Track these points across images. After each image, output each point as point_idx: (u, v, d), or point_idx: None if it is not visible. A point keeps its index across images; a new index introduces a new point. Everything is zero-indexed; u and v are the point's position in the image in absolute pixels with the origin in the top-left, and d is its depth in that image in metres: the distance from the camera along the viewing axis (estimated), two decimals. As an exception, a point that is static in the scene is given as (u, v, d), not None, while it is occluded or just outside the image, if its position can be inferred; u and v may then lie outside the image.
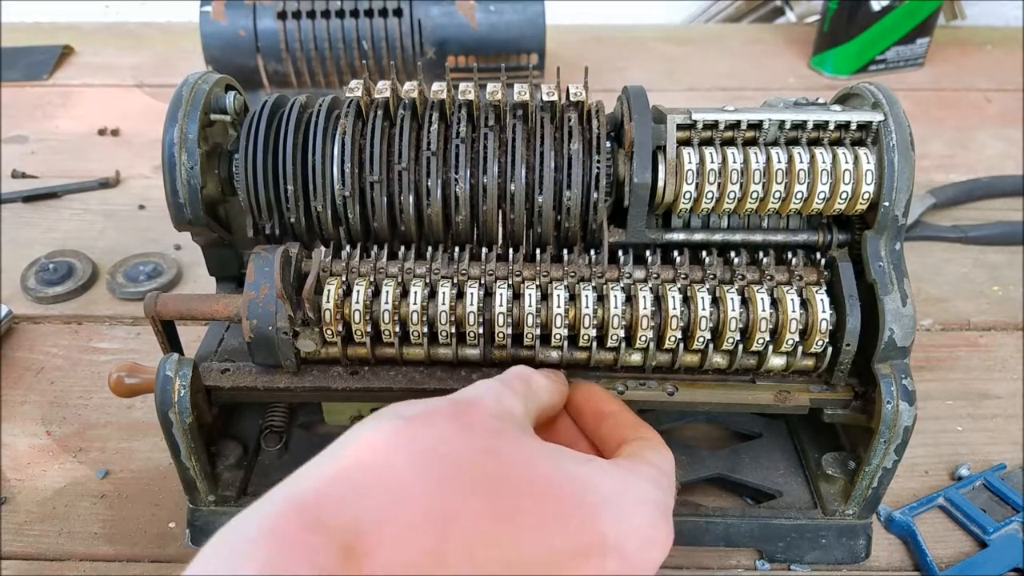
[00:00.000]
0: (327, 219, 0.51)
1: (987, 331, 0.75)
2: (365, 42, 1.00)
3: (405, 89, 0.52)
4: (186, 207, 0.50)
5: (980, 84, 1.14)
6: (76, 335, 0.74)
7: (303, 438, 0.61)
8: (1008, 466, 0.61)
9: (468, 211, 0.50)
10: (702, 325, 0.48)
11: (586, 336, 0.49)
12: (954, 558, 0.56)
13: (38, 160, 0.98)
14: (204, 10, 1.01)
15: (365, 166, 0.50)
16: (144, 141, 1.01)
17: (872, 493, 0.52)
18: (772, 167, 0.48)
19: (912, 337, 0.48)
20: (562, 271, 0.50)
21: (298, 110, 0.51)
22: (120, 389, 0.52)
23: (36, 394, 0.68)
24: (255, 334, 0.48)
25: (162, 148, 0.49)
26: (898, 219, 0.48)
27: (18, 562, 0.56)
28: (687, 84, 1.15)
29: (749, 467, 0.59)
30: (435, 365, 0.51)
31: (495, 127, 0.50)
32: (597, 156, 0.49)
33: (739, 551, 0.56)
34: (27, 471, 0.62)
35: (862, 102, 0.50)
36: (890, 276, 0.49)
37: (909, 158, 0.47)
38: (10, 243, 0.85)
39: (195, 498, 0.55)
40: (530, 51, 1.05)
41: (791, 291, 0.49)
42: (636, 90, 0.50)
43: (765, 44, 1.25)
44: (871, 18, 1.11)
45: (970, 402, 0.67)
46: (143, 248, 0.83)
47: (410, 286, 0.49)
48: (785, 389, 0.51)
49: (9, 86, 1.13)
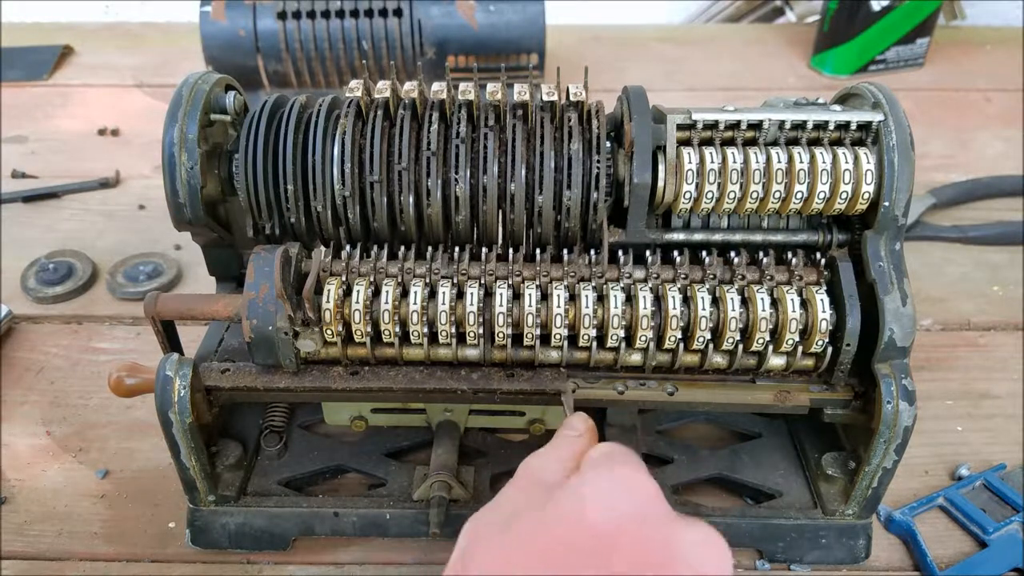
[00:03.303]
0: (327, 219, 0.51)
1: (987, 331, 0.75)
2: (365, 42, 1.00)
3: (405, 89, 0.52)
4: (186, 207, 0.50)
5: (980, 84, 1.14)
6: (76, 335, 0.74)
7: (303, 438, 0.61)
8: (1008, 466, 0.61)
9: (468, 211, 0.50)
10: (702, 325, 0.48)
11: (586, 336, 0.49)
12: (954, 558, 0.56)
13: (38, 160, 0.98)
14: (204, 10, 1.01)
15: (365, 166, 0.50)
16: (144, 141, 1.01)
17: (872, 493, 0.52)
18: (772, 167, 0.48)
19: (912, 337, 0.48)
20: (562, 271, 0.50)
21: (298, 110, 0.51)
22: (120, 389, 0.52)
23: (36, 394, 0.68)
24: (255, 334, 0.48)
25: (162, 148, 0.49)
26: (898, 219, 0.48)
27: (18, 562, 0.56)
28: (687, 84, 1.15)
29: (749, 467, 0.59)
30: (435, 365, 0.51)
31: (495, 127, 0.50)
32: (597, 156, 0.49)
33: (739, 551, 0.56)
34: (27, 471, 0.62)
35: (862, 102, 0.50)
36: (890, 276, 0.49)
37: (909, 158, 0.47)
38: (10, 243, 0.84)
39: (195, 498, 0.55)
40: (530, 51, 1.05)
41: (791, 291, 0.49)
42: (636, 90, 0.50)
43: (765, 44, 1.25)
44: (871, 18, 1.11)
45: (970, 402, 0.67)
46: (143, 248, 0.83)
47: (410, 286, 0.49)
48: (785, 389, 0.51)
49: (9, 86, 1.13)
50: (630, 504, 0.37)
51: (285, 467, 0.59)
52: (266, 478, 0.58)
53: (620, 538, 0.36)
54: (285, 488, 0.57)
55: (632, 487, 0.38)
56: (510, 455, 0.60)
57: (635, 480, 0.39)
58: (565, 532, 0.36)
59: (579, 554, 0.35)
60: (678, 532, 0.37)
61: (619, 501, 0.37)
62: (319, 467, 0.59)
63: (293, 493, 0.57)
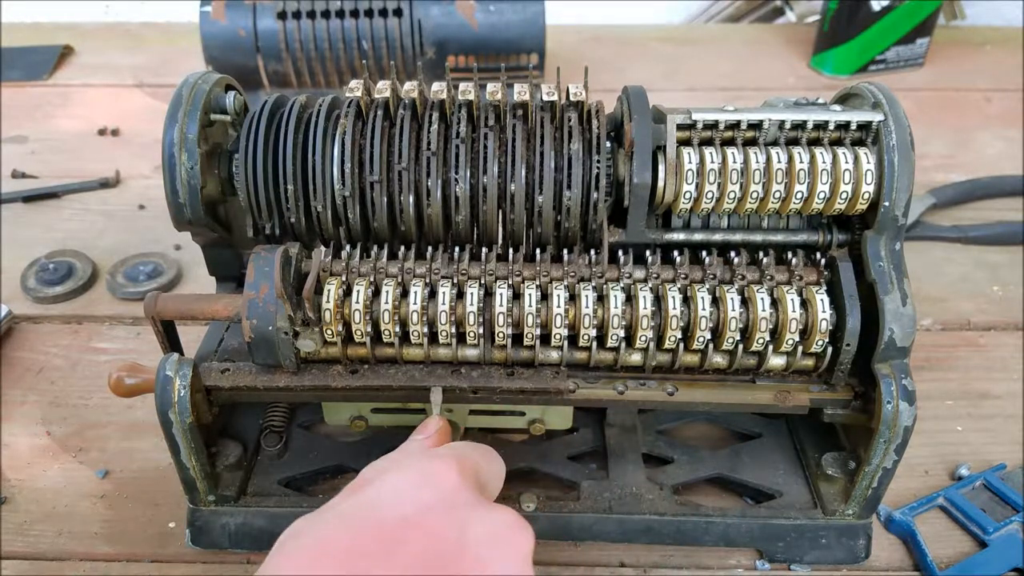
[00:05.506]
0: (327, 219, 0.51)
1: (987, 331, 0.75)
2: (365, 42, 1.00)
3: (405, 89, 0.52)
4: (186, 207, 0.50)
5: (980, 84, 1.14)
6: (76, 335, 0.74)
7: (303, 438, 0.61)
8: (1008, 466, 0.61)
9: (468, 211, 0.50)
10: (702, 325, 0.48)
11: (586, 336, 0.49)
12: (954, 558, 0.56)
13: (38, 160, 0.98)
14: (204, 10, 1.01)
15: (365, 166, 0.50)
16: (144, 141, 1.01)
17: (872, 493, 0.52)
18: (772, 167, 0.48)
19: (912, 337, 0.48)
20: (562, 271, 0.50)
21: (298, 110, 0.51)
22: (120, 389, 0.52)
23: (36, 394, 0.68)
24: (255, 334, 0.48)
25: (162, 148, 0.49)
26: (898, 219, 0.48)
27: (18, 562, 0.56)
28: (687, 84, 1.15)
29: (749, 467, 0.59)
30: (435, 364, 0.51)
31: (495, 127, 0.50)
32: (597, 156, 0.49)
33: (739, 551, 0.56)
34: (27, 471, 0.62)
35: (862, 102, 0.50)
36: (890, 276, 0.49)
37: (909, 158, 0.47)
38: (10, 243, 0.84)
39: (195, 498, 0.55)
40: (530, 51, 1.05)
41: (791, 291, 0.49)
42: (636, 90, 0.50)
43: (765, 44, 1.25)
44: (871, 18, 1.11)
45: (970, 402, 0.67)
46: (143, 248, 0.83)
47: (410, 286, 0.49)
48: (785, 389, 0.51)
49: (9, 86, 1.13)
50: (432, 496, 0.37)
51: (285, 467, 0.59)
52: (266, 478, 0.58)
53: (411, 531, 0.36)
54: (285, 488, 0.57)
55: (437, 480, 0.38)
56: (510, 455, 0.60)
57: (442, 473, 0.38)
58: (359, 527, 0.36)
59: (366, 549, 0.35)
60: (473, 523, 0.36)
61: (421, 493, 0.37)
62: (319, 467, 0.59)
63: (293, 493, 0.57)
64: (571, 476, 0.58)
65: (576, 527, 0.56)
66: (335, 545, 0.35)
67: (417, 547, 0.35)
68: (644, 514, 0.55)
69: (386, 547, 0.35)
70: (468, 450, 0.43)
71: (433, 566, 0.34)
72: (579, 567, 0.56)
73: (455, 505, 0.37)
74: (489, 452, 0.45)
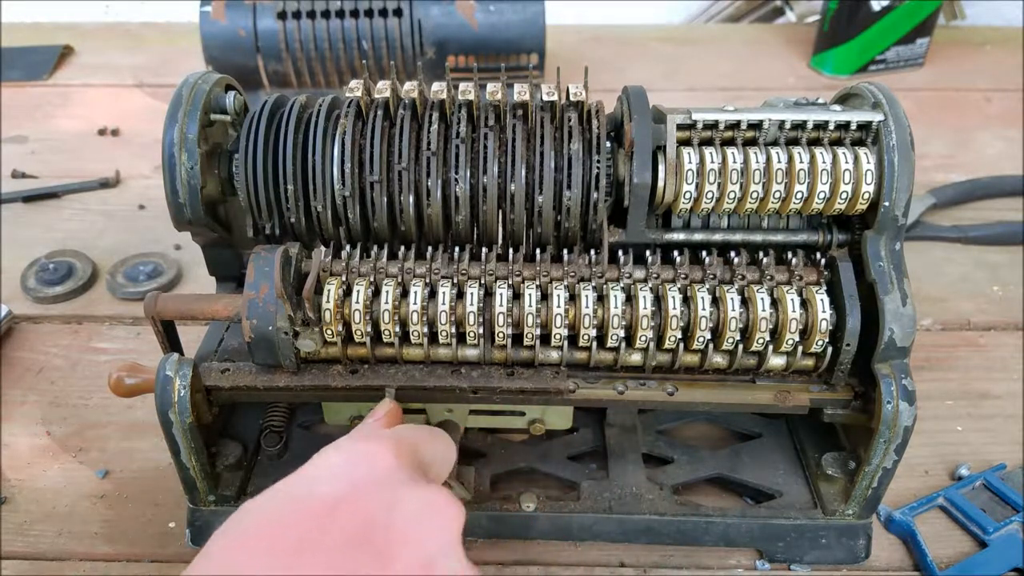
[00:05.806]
0: (327, 219, 0.51)
1: (987, 331, 0.75)
2: (365, 42, 1.00)
3: (405, 89, 0.52)
4: (186, 207, 0.50)
5: (980, 84, 1.14)
6: (76, 335, 0.74)
7: (303, 438, 0.61)
8: (1008, 466, 0.61)
9: (468, 211, 0.50)
10: (702, 325, 0.48)
11: (586, 336, 0.49)
12: (954, 558, 0.56)
13: (38, 160, 0.98)
14: (204, 10, 1.01)
15: (365, 166, 0.50)
16: (144, 141, 1.01)
17: (872, 493, 0.52)
18: (772, 167, 0.48)
19: (912, 337, 0.48)
20: (562, 271, 0.50)
21: (298, 110, 0.51)
22: (120, 389, 0.52)
23: (36, 394, 0.68)
24: (255, 334, 0.48)
25: (162, 148, 0.49)
26: (898, 219, 0.48)
27: (18, 562, 0.56)
28: (687, 84, 1.15)
29: (749, 467, 0.59)
30: (435, 364, 0.51)
31: (495, 127, 0.50)
32: (597, 156, 0.49)
33: (739, 551, 0.56)
34: (27, 471, 0.62)
35: (862, 102, 0.50)
36: (890, 276, 0.49)
37: (909, 158, 0.47)
38: (10, 243, 0.84)
39: (195, 498, 0.55)
40: (530, 51, 1.05)
41: (791, 291, 0.49)
42: (636, 90, 0.50)
43: (765, 44, 1.25)
44: (871, 18, 1.11)
45: (970, 402, 0.67)
46: (143, 248, 0.83)
47: (410, 286, 0.49)
48: (785, 389, 0.51)
49: (9, 86, 1.13)
50: (365, 474, 0.37)
51: (285, 467, 0.58)
52: (266, 478, 0.58)
53: (340, 509, 0.36)
54: (285, 488, 0.57)
55: (372, 459, 0.38)
56: (510, 455, 0.60)
57: (378, 453, 0.38)
58: (290, 507, 0.36)
59: (297, 527, 0.35)
60: (403, 501, 0.36)
61: (354, 472, 0.37)
62: (319, 467, 0.59)
63: (293, 493, 0.57)
64: (571, 476, 0.58)
65: (576, 527, 0.56)
66: (266, 525, 0.36)
67: (346, 524, 0.35)
68: (644, 514, 0.55)
69: (316, 524, 0.35)
70: (409, 431, 0.43)
71: (361, 542, 0.35)
72: (579, 567, 0.56)
73: (387, 484, 0.37)
74: (436, 433, 0.45)
